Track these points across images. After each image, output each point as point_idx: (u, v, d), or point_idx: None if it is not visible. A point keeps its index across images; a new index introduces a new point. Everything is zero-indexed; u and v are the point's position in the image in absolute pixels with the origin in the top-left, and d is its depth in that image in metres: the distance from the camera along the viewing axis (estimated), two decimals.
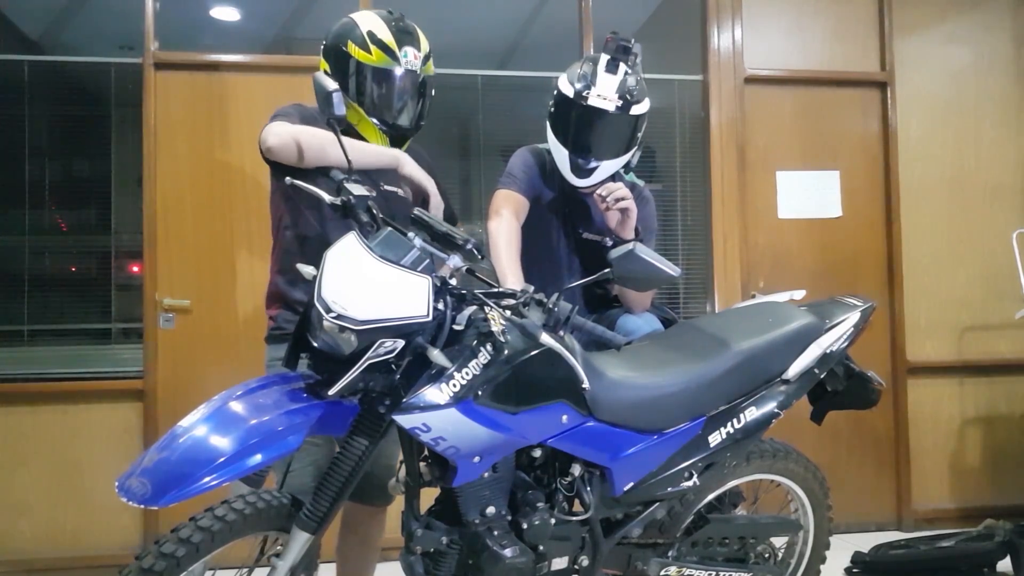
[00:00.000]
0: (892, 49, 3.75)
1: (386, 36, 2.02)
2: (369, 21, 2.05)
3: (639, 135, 2.23)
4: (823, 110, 3.73)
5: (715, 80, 3.64)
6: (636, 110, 2.17)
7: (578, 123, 2.16)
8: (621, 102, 2.13)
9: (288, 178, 1.82)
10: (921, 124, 3.79)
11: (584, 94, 2.13)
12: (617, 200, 2.08)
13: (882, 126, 3.76)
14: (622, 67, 2.16)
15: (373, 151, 2.03)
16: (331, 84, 1.71)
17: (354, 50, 2.01)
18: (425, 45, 2.10)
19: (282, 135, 1.94)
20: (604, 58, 2.18)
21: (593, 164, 2.17)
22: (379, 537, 2.21)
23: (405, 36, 2.05)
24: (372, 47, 2.01)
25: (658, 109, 3.75)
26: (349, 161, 1.77)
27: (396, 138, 2.09)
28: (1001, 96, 3.85)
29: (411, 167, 2.08)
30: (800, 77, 3.72)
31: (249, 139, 2.08)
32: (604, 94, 2.13)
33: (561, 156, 2.19)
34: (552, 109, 2.22)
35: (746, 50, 3.67)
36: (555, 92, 2.22)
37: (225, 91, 3.27)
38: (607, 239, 2.29)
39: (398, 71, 2.03)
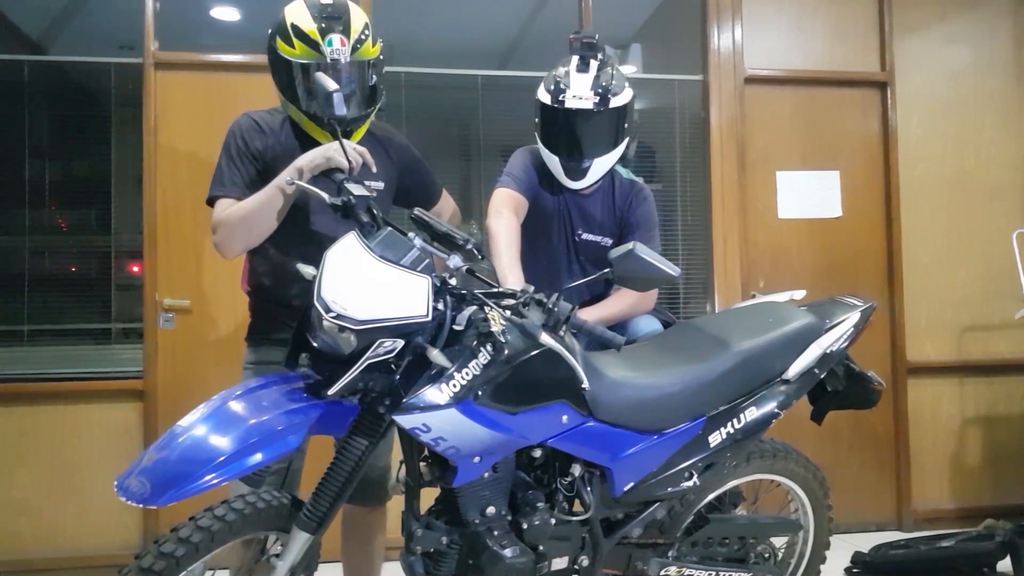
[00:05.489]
0: (892, 49, 3.75)
1: (308, 26, 1.89)
2: (294, 11, 1.93)
3: (627, 126, 2.21)
4: (823, 110, 3.73)
5: (715, 80, 3.64)
6: (616, 102, 2.16)
7: (561, 128, 2.17)
8: (598, 98, 2.13)
9: (288, 179, 1.82)
10: (921, 124, 3.79)
11: (560, 98, 2.14)
12: None
13: (882, 126, 3.76)
14: (592, 64, 2.17)
15: (256, 200, 1.89)
16: (331, 84, 1.69)
17: (281, 46, 1.91)
18: (358, 27, 1.93)
19: (223, 242, 1.91)
20: (574, 59, 2.19)
21: (585, 164, 2.17)
22: (381, 536, 2.20)
23: (330, 23, 1.89)
24: (295, 40, 1.89)
25: (658, 109, 3.76)
26: (350, 162, 1.77)
27: (344, 133, 1.93)
28: (1001, 96, 3.85)
29: (311, 158, 1.83)
30: (800, 77, 3.72)
31: None
32: (579, 94, 2.13)
33: (553, 162, 2.20)
34: (536, 120, 2.23)
35: (746, 50, 3.67)
36: (535, 104, 2.22)
37: (225, 91, 3.27)
38: (606, 239, 2.29)
39: (323, 63, 1.87)
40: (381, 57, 2.02)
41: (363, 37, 1.94)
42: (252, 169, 1.96)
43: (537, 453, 1.74)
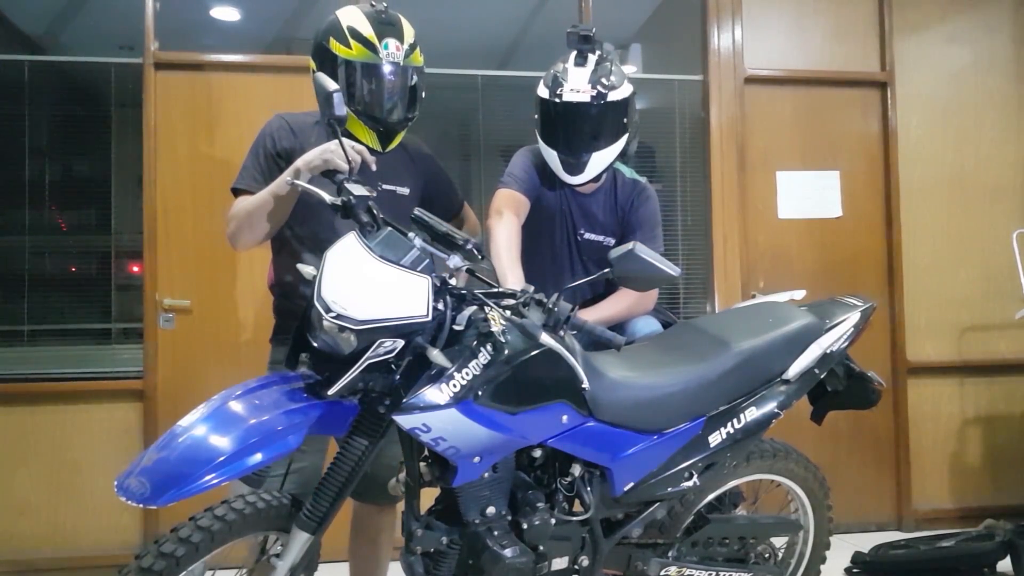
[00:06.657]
0: (892, 49, 3.75)
1: (366, 29, 2.00)
2: (350, 16, 2.03)
3: (626, 121, 2.20)
4: (823, 110, 3.73)
5: (715, 80, 3.64)
6: (614, 96, 2.15)
7: (558, 121, 2.16)
8: (596, 91, 2.13)
9: (288, 179, 1.83)
10: (921, 124, 3.79)
11: (558, 92, 2.15)
12: None
13: (882, 126, 3.76)
14: (591, 58, 2.17)
15: (259, 198, 1.95)
16: (331, 84, 1.69)
17: (335, 46, 1.99)
18: (409, 35, 2.06)
19: (233, 234, 2.01)
20: (572, 54, 2.20)
21: (583, 158, 2.16)
22: (389, 536, 2.21)
23: (386, 28, 2.02)
24: (352, 42, 1.99)
25: (658, 109, 3.75)
26: (350, 162, 1.77)
27: (385, 133, 2.06)
28: (1001, 96, 3.85)
29: (309, 159, 1.83)
30: (800, 77, 3.72)
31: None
32: (577, 87, 2.14)
33: (552, 158, 2.20)
34: (536, 117, 2.23)
35: (746, 50, 3.67)
36: (535, 100, 2.23)
37: (225, 91, 3.27)
38: (608, 239, 2.29)
39: (379, 64, 2.00)
40: (424, 68, 2.11)
41: (414, 45, 2.06)
42: (275, 168, 2.01)
43: (537, 453, 1.74)
